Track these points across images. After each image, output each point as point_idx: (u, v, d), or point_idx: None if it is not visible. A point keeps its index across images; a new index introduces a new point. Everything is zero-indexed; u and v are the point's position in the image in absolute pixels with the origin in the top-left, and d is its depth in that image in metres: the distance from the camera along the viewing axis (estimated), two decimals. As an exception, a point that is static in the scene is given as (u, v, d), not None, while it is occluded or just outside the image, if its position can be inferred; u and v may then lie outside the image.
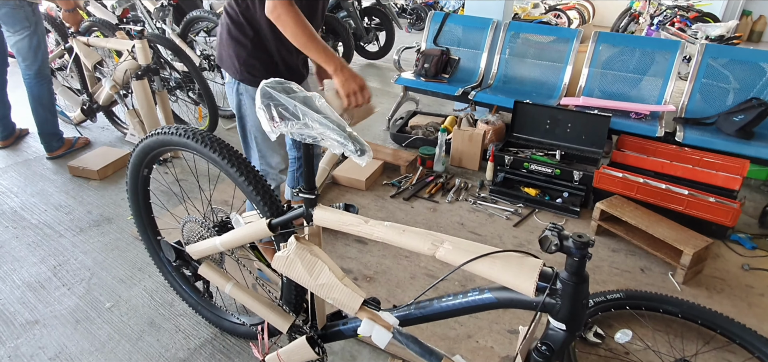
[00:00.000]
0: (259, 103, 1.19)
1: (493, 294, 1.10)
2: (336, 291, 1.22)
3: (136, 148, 1.61)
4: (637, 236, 2.43)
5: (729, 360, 1.78)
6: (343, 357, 1.73)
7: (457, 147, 3.26)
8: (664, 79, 3.24)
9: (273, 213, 1.40)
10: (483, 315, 1.95)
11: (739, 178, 2.60)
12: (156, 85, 2.90)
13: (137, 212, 1.78)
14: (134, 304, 1.93)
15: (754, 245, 2.55)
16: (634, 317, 1.98)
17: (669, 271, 2.30)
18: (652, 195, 2.59)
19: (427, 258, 2.30)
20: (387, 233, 1.19)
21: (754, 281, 2.27)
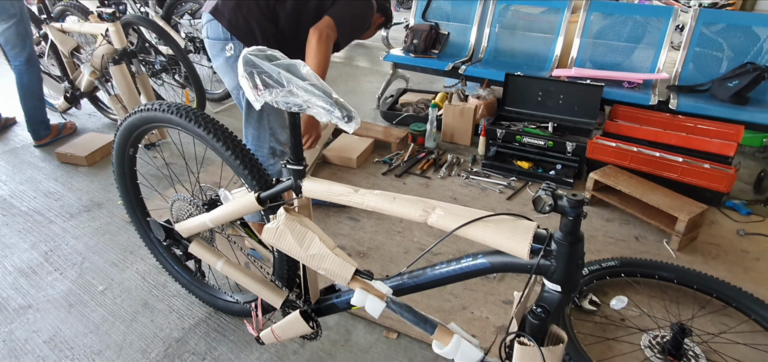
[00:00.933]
0: (242, 71, 1.15)
1: (487, 259, 1.08)
2: (327, 261, 1.20)
3: (119, 127, 1.57)
4: (631, 205, 2.42)
5: (725, 324, 1.78)
6: (339, 332, 1.71)
7: (448, 122, 3.23)
8: (657, 47, 3.21)
9: (261, 186, 1.37)
10: (478, 286, 1.94)
11: (733, 144, 2.59)
12: (135, 68, 2.84)
13: (125, 193, 1.74)
14: (127, 286, 1.91)
15: (749, 211, 2.55)
16: (630, 284, 1.97)
17: (664, 239, 2.29)
18: (645, 164, 2.58)
19: (420, 233, 2.29)
20: (378, 201, 1.17)
21: (750, 246, 2.27)
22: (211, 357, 1.61)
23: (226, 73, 1.87)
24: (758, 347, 1.67)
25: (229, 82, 1.90)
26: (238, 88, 1.87)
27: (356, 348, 1.65)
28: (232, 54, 1.82)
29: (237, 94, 1.90)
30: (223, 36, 1.81)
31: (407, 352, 1.64)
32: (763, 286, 1.99)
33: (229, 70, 1.85)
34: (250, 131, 1.92)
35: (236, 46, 1.80)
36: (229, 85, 1.92)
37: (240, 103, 1.93)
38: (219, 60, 1.86)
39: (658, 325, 1.77)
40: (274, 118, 1.90)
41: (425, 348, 1.65)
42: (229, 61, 1.84)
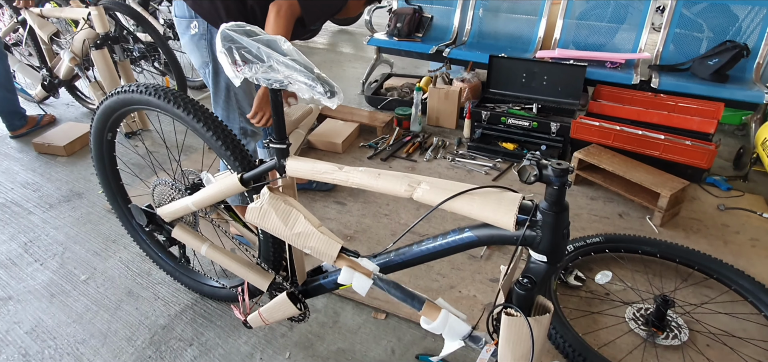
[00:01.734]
0: (220, 46, 1.12)
1: (473, 232, 1.08)
2: (313, 239, 1.19)
3: (96, 110, 1.53)
4: (615, 183, 2.45)
5: (706, 295, 1.82)
6: (327, 314, 1.71)
7: (433, 106, 3.23)
8: (639, 27, 3.24)
9: (244, 167, 1.35)
10: (465, 265, 1.95)
11: (714, 121, 2.63)
12: (117, 55, 2.77)
13: (105, 180, 1.71)
14: (110, 275, 1.88)
15: (730, 186, 2.60)
16: (614, 259, 2.00)
17: (647, 215, 2.33)
18: (628, 142, 2.61)
19: (407, 215, 2.29)
20: (362, 178, 1.16)
21: (730, 220, 2.31)
22: (198, 342, 1.60)
23: (192, 52, 1.84)
24: (738, 316, 1.71)
25: (195, 61, 1.86)
26: (204, 66, 1.84)
27: (345, 330, 1.65)
28: (197, 32, 1.79)
29: (204, 72, 1.86)
30: (188, 14, 1.78)
31: (396, 332, 1.64)
32: (743, 258, 2.03)
33: (195, 49, 1.82)
34: (219, 111, 1.88)
35: (200, 24, 1.77)
36: (195, 64, 1.87)
37: (207, 82, 1.89)
38: (185, 38, 1.83)
39: (642, 298, 1.80)
40: (243, 96, 1.85)
41: (414, 328, 1.66)
42: (194, 38, 1.80)
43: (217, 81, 1.84)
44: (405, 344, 1.60)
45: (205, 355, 1.55)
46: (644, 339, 1.63)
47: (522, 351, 1.04)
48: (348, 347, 1.58)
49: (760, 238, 2.18)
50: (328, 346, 1.59)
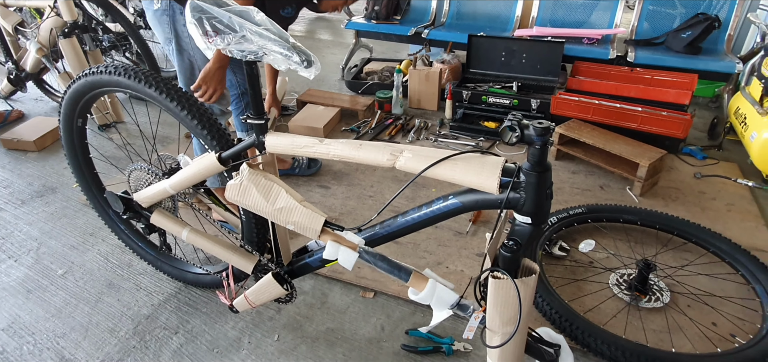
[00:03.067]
0: (190, 17, 1.08)
1: (458, 198, 1.07)
2: (296, 213, 1.17)
3: (64, 95, 1.47)
4: (596, 156, 2.47)
5: (686, 258, 1.85)
6: (315, 295, 1.69)
7: (414, 88, 3.21)
8: (614, 3, 3.28)
9: (222, 146, 1.32)
10: (451, 241, 1.95)
11: (688, 92, 2.67)
12: (87, 44, 2.69)
13: (78, 169, 1.65)
14: (89, 268, 1.82)
15: (705, 155, 2.65)
16: (597, 229, 2.02)
17: (627, 185, 2.36)
18: (607, 116, 2.64)
19: (391, 195, 2.27)
20: (344, 149, 1.14)
21: (706, 187, 2.36)
22: (183, 330, 1.57)
23: (156, 27, 1.81)
24: (716, 276, 1.75)
25: (159, 36, 1.83)
26: (167, 42, 1.81)
27: (333, 310, 1.63)
28: (159, 7, 1.76)
29: (169, 49, 1.82)
30: None
31: (385, 309, 1.64)
32: (719, 222, 2.08)
33: (158, 24, 1.80)
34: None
35: (161, 0, 1.74)
36: (160, 40, 1.85)
37: (172, 59, 1.86)
38: (149, 13, 1.80)
39: (624, 264, 1.83)
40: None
41: (403, 304, 1.65)
42: (157, 14, 1.77)
43: (182, 58, 1.81)
44: (394, 321, 1.59)
45: (192, 342, 1.52)
46: (628, 303, 1.65)
47: (510, 314, 1.04)
48: (337, 326, 1.57)
49: (735, 203, 2.23)
50: (317, 327, 1.57)
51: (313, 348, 1.50)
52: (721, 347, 1.46)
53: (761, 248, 1.92)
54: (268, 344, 1.52)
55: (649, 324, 1.57)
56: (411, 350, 1.48)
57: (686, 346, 1.49)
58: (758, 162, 2.37)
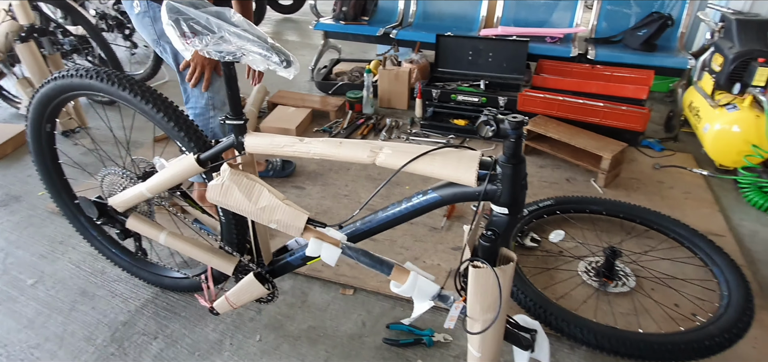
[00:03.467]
0: (166, 19, 1.08)
1: (437, 192, 1.11)
2: (279, 212, 1.18)
3: (31, 100, 1.43)
4: (561, 150, 2.57)
5: (648, 244, 1.96)
6: (294, 294, 1.70)
7: (384, 87, 3.25)
8: (574, 3, 3.41)
9: (200, 147, 1.31)
10: (427, 237, 1.99)
11: (646, 87, 2.81)
12: (46, 48, 2.59)
13: (47, 176, 1.61)
14: (61, 277, 1.77)
15: (662, 147, 2.80)
16: (565, 220, 2.11)
17: (591, 178, 2.47)
18: (571, 111, 2.74)
19: (366, 193, 2.30)
20: (324, 148, 1.16)
21: (664, 177, 2.50)
22: (163, 335, 1.55)
23: (141, 30, 1.80)
24: (677, 260, 1.86)
25: (147, 39, 1.81)
26: (156, 43, 1.79)
27: (314, 308, 1.65)
28: (140, 10, 1.74)
29: (159, 50, 1.80)
30: None
31: (365, 305, 1.66)
32: (678, 210, 2.20)
33: (142, 27, 1.78)
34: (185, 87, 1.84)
35: (141, 2, 1.72)
36: (147, 41, 1.82)
37: (166, 60, 1.84)
38: (133, 18, 1.78)
39: (592, 252, 1.91)
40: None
41: (382, 300, 1.68)
42: (139, 17, 1.76)
43: (176, 57, 1.79)
44: (375, 316, 1.62)
45: (172, 347, 1.51)
46: (597, 289, 1.74)
47: (490, 301, 1.08)
48: (319, 324, 1.59)
49: (691, 191, 2.37)
50: (299, 325, 1.58)
51: (295, 347, 1.51)
52: (684, 326, 1.56)
53: (717, 233, 2.05)
54: (250, 345, 1.52)
55: (617, 307, 1.66)
56: (393, 343, 1.51)
57: (652, 327, 1.58)
58: (711, 152, 2.52)
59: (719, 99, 2.56)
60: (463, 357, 1.48)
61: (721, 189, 2.40)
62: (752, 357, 1.48)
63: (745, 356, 1.48)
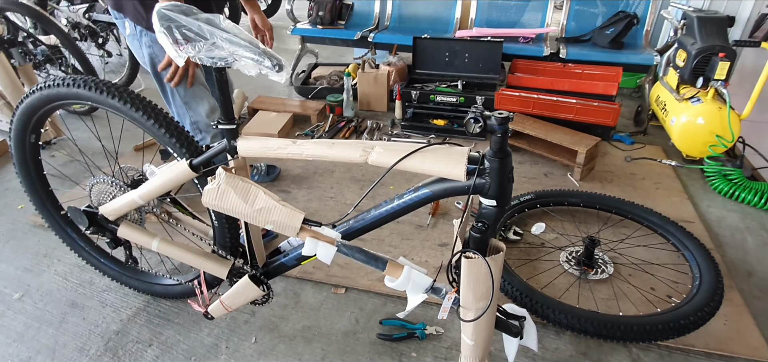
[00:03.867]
0: (158, 26, 1.10)
1: (428, 188, 1.15)
2: (275, 213, 1.20)
3: (16, 111, 1.42)
4: (539, 146, 2.66)
5: (624, 233, 2.05)
6: (287, 296, 1.72)
7: (363, 90, 3.29)
8: (544, 4, 3.53)
9: (191, 153, 1.32)
10: (414, 235, 2.04)
11: (615, 83, 2.93)
12: (16, 59, 2.54)
13: (31, 187, 1.59)
14: (48, 289, 1.74)
15: (633, 140, 2.92)
16: (545, 212, 2.19)
17: (568, 172, 2.56)
18: (546, 109, 2.84)
19: (352, 195, 2.34)
20: (317, 149, 1.19)
21: (636, 169, 2.61)
22: (157, 341, 1.54)
23: (135, 51, 1.81)
24: (650, 246, 1.96)
25: (139, 59, 1.83)
26: (144, 63, 1.81)
27: (307, 308, 1.67)
28: (130, 31, 1.78)
29: (152, 69, 1.82)
30: (117, 16, 1.75)
31: (357, 303, 1.69)
32: (649, 199, 2.32)
33: (137, 48, 1.79)
34: (172, 110, 1.88)
35: (129, 23, 1.75)
36: (139, 60, 1.84)
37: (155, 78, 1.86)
38: (127, 38, 1.82)
39: (572, 242, 2.00)
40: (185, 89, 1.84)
41: (374, 297, 1.72)
42: (130, 38, 1.80)
43: (158, 76, 1.81)
44: (367, 313, 1.65)
45: (168, 353, 1.51)
46: (578, 277, 1.82)
47: (482, 290, 1.13)
48: (313, 323, 1.61)
49: (661, 181, 2.49)
50: (293, 325, 1.60)
51: (291, 346, 1.53)
52: (660, 307, 1.65)
53: (687, 219, 2.16)
54: (246, 347, 1.53)
55: (598, 293, 1.74)
56: (386, 338, 1.55)
57: (631, 310, 1.66)
58: (679, 143, 2.65)
59: (684, 93, 2.69)
60: (454, 348, 1.53)
61: (688, 179, 2.53)
62: (724, 334, 1.57)
63: (717, 333, 1.57)
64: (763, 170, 2.61)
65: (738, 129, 2.45)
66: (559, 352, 1.54)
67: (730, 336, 1.57)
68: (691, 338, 1.53)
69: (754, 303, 1.73)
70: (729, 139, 2.45)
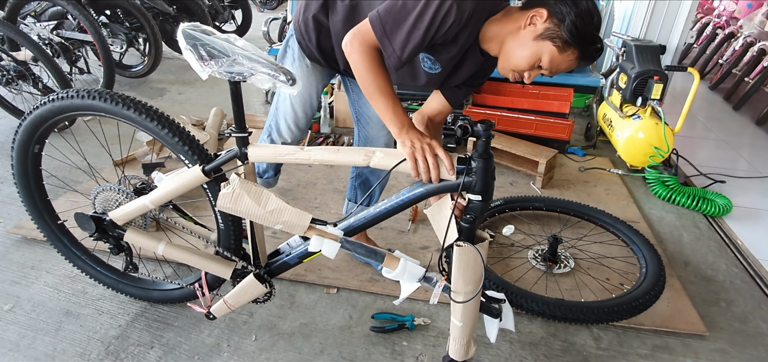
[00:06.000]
0: (184, 44, 1.21)
1: (422, 187, 1.31)
2: (286, 213, 1.33)
3: (23, 121, 1.47)
4: (504, 158, 2.91)
5: (582, 232, 2.29)
6: (282, 297, 1.82)
7: (339, 108, 3.45)
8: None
9: (202, 159, 1.42)
10: (396, 239, 2.20)
11: (568, 102, 3.25)
12: None
13: (30, 197, 1.62)
14: (39, 300, 1.75)
15: (584, 153, 3.23)
16: (514, 216, 2.41)
17: (530, 181, 2.81)
18: (509, 125, 3.11)
19: (336, 205, 2.46)
20: (323, 154, 1.34)
21: (588, 177, 2.90)
22: (159, 344, 1.61)
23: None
24: (605, 243, 2.21)
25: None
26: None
27: (303, 307, 1.78)
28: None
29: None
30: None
31: (349, 301, 1.82)
32: (602, 203, 2.59)
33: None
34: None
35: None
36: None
37: None
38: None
39: (538, 242, 2.22)
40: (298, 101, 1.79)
41: (365, 295, 1.85)
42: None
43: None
44: (360, 309, 1.78)
45: (171, 354, 1.57)
46: (544, 271, 2.03)
47: (471, 274, 1.30)
48: (309, 320, 1.72)
49: (610, 187, 2.78)
50: (291, 323, 1.71)
51: (291, 342, 1.64)
52: (615, 293, 1.88)
53: (633, 219, 2.45)
54: (247, 345, 1.62)
55: (563, 285, 1.95)
56: (379, 330, 1.69)
57: (591, 297, 1.88)
58: (624, 155, 2.96)
59: (626, 111, 3.02)
60: (441, 336, 1.69)
61: (633, 185, 2.84)
62: (667, 313, 1.82)
63: (662, 313, 1.82)
64: (694, 177, 2.97)
65: (672, 142, 2.78)
66: (532, 335, 1.73)
67: (672, 315, 1.82)
68: (641, 318, 1.77)
69: (690, 287, 2.01)
70: (665, 150, 2.78)
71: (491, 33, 1.33)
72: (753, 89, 4.41)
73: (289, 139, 1.79)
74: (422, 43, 1.26)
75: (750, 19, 5.19)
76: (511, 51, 1.28)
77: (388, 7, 1.25)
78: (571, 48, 1.22)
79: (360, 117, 1.91)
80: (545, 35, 1.22)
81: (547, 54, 1.24)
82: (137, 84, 4.24)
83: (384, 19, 1.25)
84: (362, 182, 2.01)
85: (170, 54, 5.07)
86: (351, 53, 1.30)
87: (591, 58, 1.27)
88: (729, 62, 5.07)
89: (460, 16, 1.22)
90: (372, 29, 1.27)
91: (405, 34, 1.25)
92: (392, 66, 1.33)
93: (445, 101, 1.59)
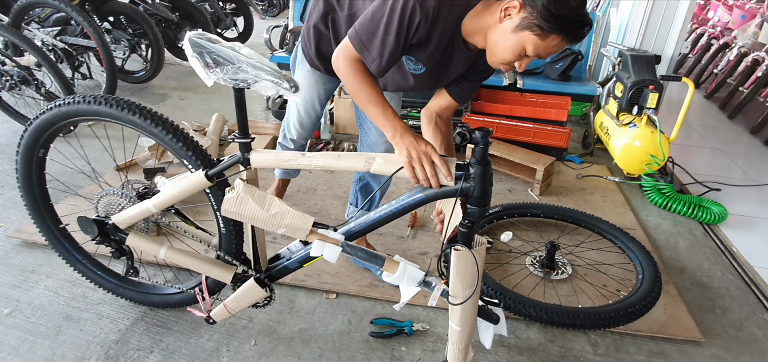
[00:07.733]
0: (191, 51, 1.24)
1: (421, 192, 1.33)
2: (288, 217, 1.34)
3: (29, 125, 1.49)
4: (503, 165, 2.93)
5: (579, 239, 2.32)
6: (282, 302, 1.83)
7: (339, 115, 3.48)
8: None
9: (205, 165, 1.44)
10: (396, 246, 2.21)
11: (565, 111, 3.28)
12: None
13: (32, 201, 1.64)
14: (39, 304, 1.76)
15: (582, 160, 3.26)
16: (511, 223, 2.43)
17: (528, 188, 2.84)
18: (507, 132, 3.14)
19: (335, 211, 2.48)
20: (325, 160, 1.35)
21: (586, 185, 2.93)
22: (158, 348, 1.62)
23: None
24: (602, 249, 2.23)
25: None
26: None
27: (302, 312, 1.79)
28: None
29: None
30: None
31: (348, 306, 1.84)
32: (599, 210, 2.61)
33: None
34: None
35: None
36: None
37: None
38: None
39: (536, 248, 2.24)
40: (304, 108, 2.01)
41: (364, 301, 1.86)
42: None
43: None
44: (359, 314, 1.80)
45: (170, 358, 1.58)
46: (542, 278, 2.05)
47: (469, 278, 1.32)
48: (309, 326, 1.74)
49: (607, 195, 2.81)
50: (290, 328, 1.72)
51: (290, 347, 1.65)
52: (612, 299, 1.90)
53: (629, 226, 2.47)
54: (246, 349, 1.63)
55: (560, 291, 1.97)
56: (378, 336, 1.70)
57: (588, 303, 1.90)
58: (620, 163, 2.99)
59: (623, 119, 3.05)
60: (439, 341, 1.70)
61: (630, 193, 2.87)
62: (663, 319, 1.84)
63: (658, 319, 1.84)
64: (690, 185, 3.00)
65: (668, 150, 2.81)
66: (530, 340, 1.74)
67: (668, 321, 1.84)
68: (638, 324, 1.79)
69: (686, 294, 2.03)
70: (661, 158, 2.81)
71: (472, 27, 1.34)
72: (747, 98, 4.46)
73: (296, 136, 2.11)
74: (397, 47, 1.31)
75: (744, 30, 5.26)
76: (495, 44, 1.28)
77: (362, 20, 1.34)
78: (553, 33, 1.17)
79: (362, 123, 1.99)
80: (523, 26, 1.19)
81: (530, 43, 1.21)
82: (139, 89, 4.27)
83: (360, 33, 1.34)
84: (363, 187, 2.05)
85: (172, 60, 5.10)
86: (339, 69, 1.39)
87: (577, 37, 1.20)
88: (724, 72, 5.13)
89: (425, 14, 1.26)
90: (352, 44, 1.35)
91: (379, 42, 1.31)
92: (376, 73, 1.38)
93: (450, 97, 1.61)
